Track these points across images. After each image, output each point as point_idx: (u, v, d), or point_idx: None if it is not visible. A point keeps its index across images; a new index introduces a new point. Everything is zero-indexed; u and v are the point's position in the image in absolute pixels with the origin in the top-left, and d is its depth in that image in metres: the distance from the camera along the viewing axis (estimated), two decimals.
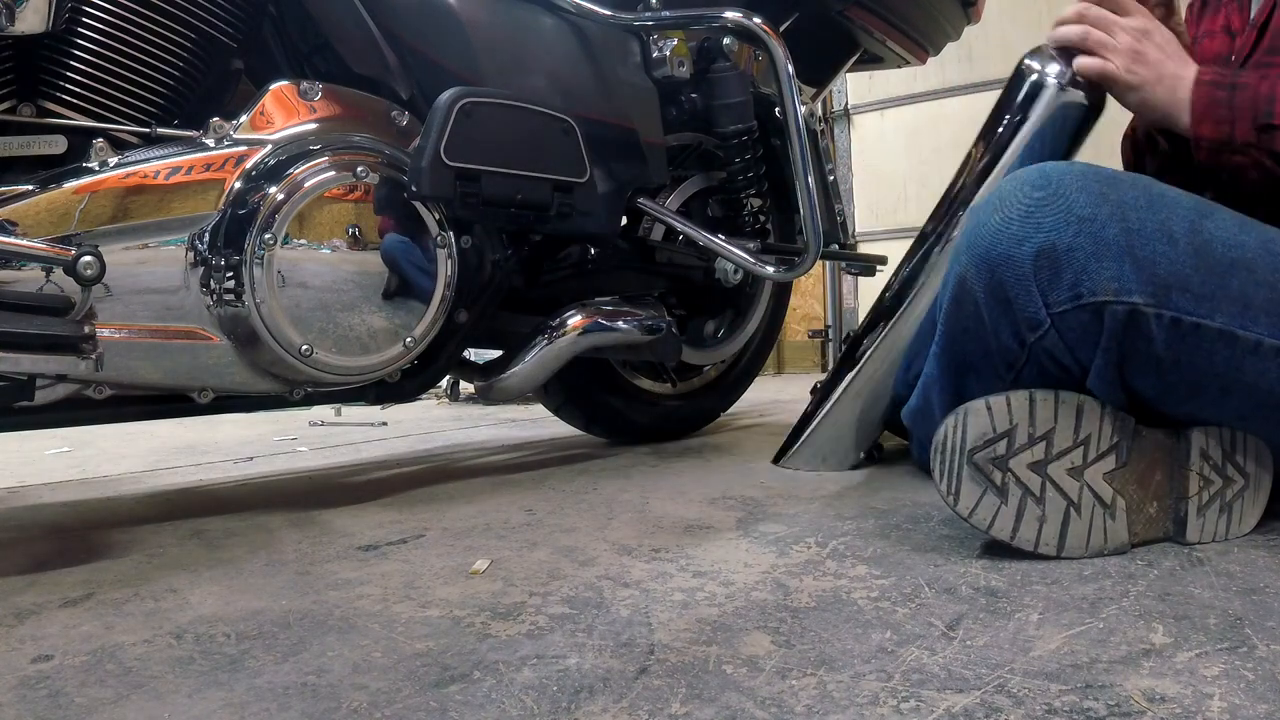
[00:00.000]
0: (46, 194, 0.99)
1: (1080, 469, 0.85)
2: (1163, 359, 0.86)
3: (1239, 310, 0.85)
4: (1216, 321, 0.85)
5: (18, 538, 1.18)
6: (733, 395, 1.95)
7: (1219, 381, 0.87)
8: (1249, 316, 0.85)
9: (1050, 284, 0.87)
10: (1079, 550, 0.85)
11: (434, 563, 0.94)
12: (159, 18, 1.09)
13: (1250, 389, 0.87)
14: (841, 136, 4.29)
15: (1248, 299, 0.86)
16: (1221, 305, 0.85)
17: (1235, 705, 0.54)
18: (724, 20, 1.40)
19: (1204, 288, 0.85)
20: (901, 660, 0.63)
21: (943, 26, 1.87)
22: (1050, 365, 0.91)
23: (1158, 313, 0.84)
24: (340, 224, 1.16)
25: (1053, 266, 0.86)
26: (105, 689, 0.64)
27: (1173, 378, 0.88)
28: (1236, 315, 0.85)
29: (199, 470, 1.74)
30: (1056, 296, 0.87)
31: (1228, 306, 0.85)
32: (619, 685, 0.61)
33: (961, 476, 0.84)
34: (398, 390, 1.33)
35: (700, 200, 1.72)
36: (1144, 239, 0.85)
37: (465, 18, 1.30)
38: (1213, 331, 0.85)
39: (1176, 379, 0.88)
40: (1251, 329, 0.85)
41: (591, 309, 1.40)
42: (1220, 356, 0.86)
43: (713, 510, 1.14)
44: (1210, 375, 0.87)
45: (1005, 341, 0.93)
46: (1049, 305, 0.87)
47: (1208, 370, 0.87)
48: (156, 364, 1.07)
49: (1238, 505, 0.90)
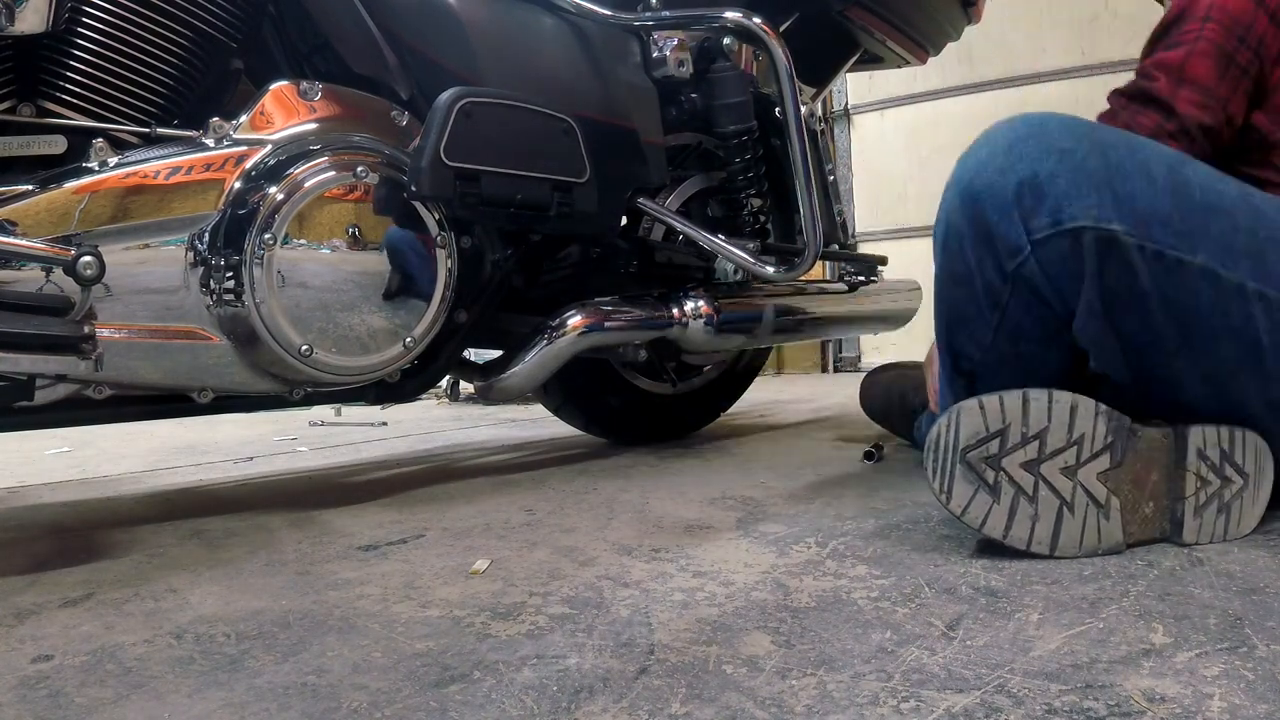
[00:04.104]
0: (46, 194, 0.99)
1: (1074, 468, 0.85)
2: (1149, 294, 0.87)
3: (1220, 250, 0.86)
4: (1199, 258, 0.86)
5: (18, 538, 1.18)
6: (733, 395, 1.95)
7: (1206, 325, 0.87)
8: (1230, 258, 0.86)
9: (1032, 210, 0.88)
10: (1072, 549, 0.85)
11: (434, 563, 0.94)
12: (159, 18, 1.09)
13: (1236, 335, 0.87)
14: (841, 136, 4.28)
15: (1228, 242, 0.86)
16: (1202, 244, 0.86)
17: (1235, 705, 0.54)
18: (724, 20, 1.40)
19: (1184, 225, 0.86)
20: (901, 660, 0.63)
21: (943, 26, 1.87)
22: (1033, 301, 0.92)
23: (1140, 244, 0.85)
24: (340, 224, 1.16)
25: (1034, 194, 0.87)
26: (105, 689, 0.64)
27: (1160, 318, 0.88)
28: (1218, 255, 0.86)
29: (199, 470, 1.73)
30: (1037, 222, 0.87)
31: (1208, 246, 0.86)
32: (619, 685, 0.61)
33: (954, 475, 0.84)
34: (398, 390, 1.33)
35: (700, 200, 1.72)
36: (1124, 175, 0.87)
37: (465, 18, 1.30)
38: (1195, 268, 0.86)
39: (1164, 320, 0.88)
40: (1234, 270, 0.86)
41: (591, 309, 1.40)
42: (1205, 296, 0.86)
43: (713, 510, 1.14)
44: (1197, 317, 0.87)
45: (989, 276, 0.93)
46: (1030, 231, 0.88)
47: (1193, 310, 0.87)
48: (156, 364, 1.07)
49: (1236, 506, 0.90)
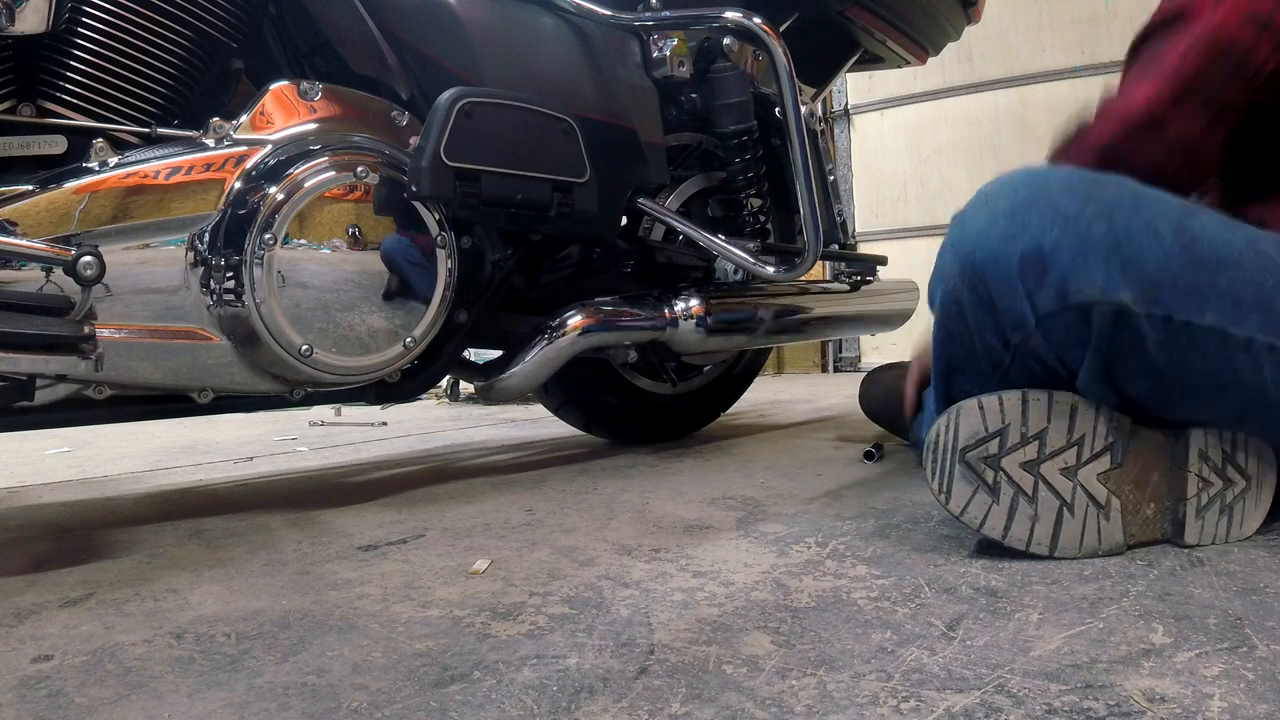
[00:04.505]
0: (46, 194, 0.99)
1: (1074, 469, 0.85)
2: (1155, 359, 0.84)
3: (1229, 307, 0.84)
4: (1207, 319, 0.83)
5: (18, 538, 1.18)
6: (733, 395, 1.95)
7: (1212, 381, 0.85)
8: (1239, 313, 0.84)
9: (1036, 284, 0.84)
10: (1072, 550, 0.85)
11: (434, 563, 0.94)
12: (159, 18, 1.09)
13: (1243, 388, 0.85)
14: (841, 136, 4.28)
15: (1237, 296, 0.84)
16: (1211, 302, 0.83)
17: (1235, 705, 0.54)
18: (724, 20, 1.39)
19: (1193, 284, 0.83)
20: (901, 660, 0.63)
21: (943, 26, 1.87)
22: (1036, 366, 0.90)
23: (1148, 312, 0.83)
24: (340, 224, 1.16)
25: (1039, 266, 0.84)
26: (105, 689, 0.64)
27: (1167, 379, 0.86)
28: (1227, 312, 0.83)
29: (199, 470, 1.73)
30: (1043, 295, 0.84)
31: (1217, 303, 0.83)
32: (619, 685, 0.61)
33: (953, 475, 0.84)
34: (398, 390, 1.33)
35: (700, 200, 1.72)
36: (1130, 236, 0.83)
37: (465, 18, 1.30)
38: (1204, 329, 0.83)
39: (1170, 380, 0.86)
40: (1243, 326, 0.84)
41: (591, 309, 1.40)
42: (1213, 356, 0.84)
43: (713, 510, 1.14)
44: (1203, 375, 0.85)
45: (989, 342, 0.91)
46: (1035, 307, 0.85)
47: (1201, 370, 0.85)
48: (156, 364, 1.07)
49: (1239, 507, 0.89)
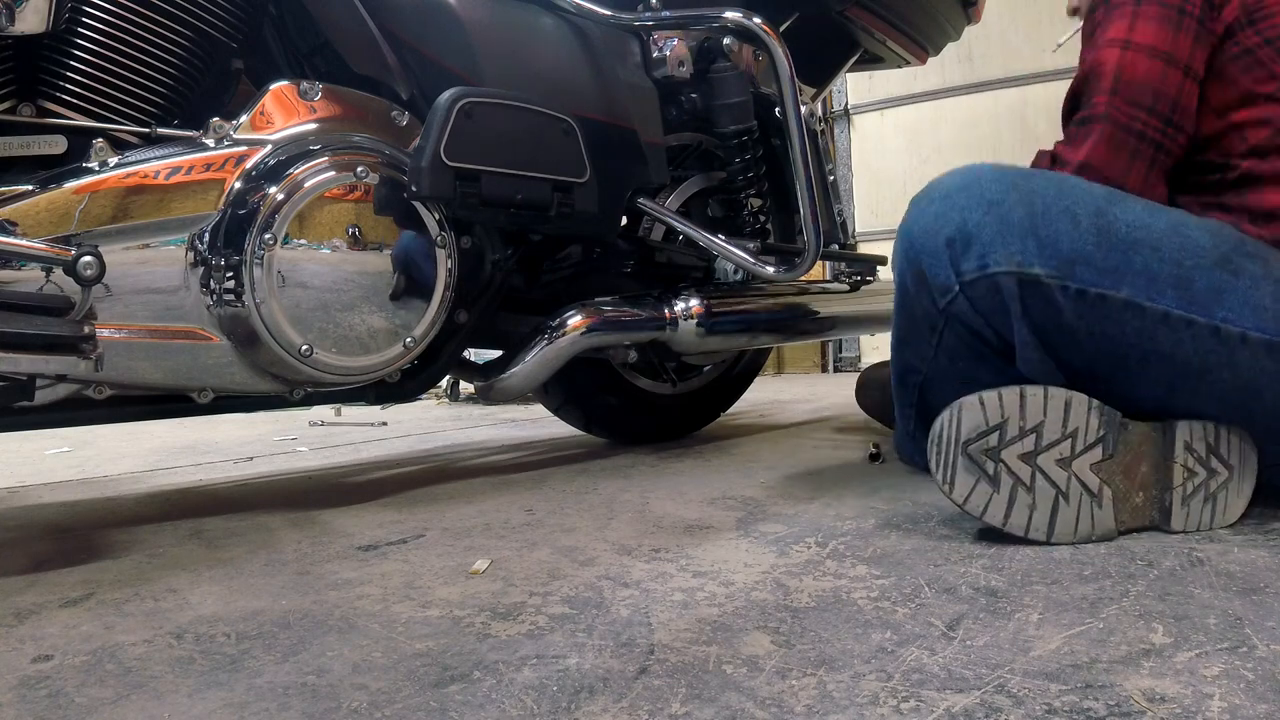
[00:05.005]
0: (46, 194, 0.99)
1: (1068, 460, 0.90)
2: (1076, 329, 0.93)
3: (1144, 283, 0.91)
4: (1122, 293, 0.92)
5: (18, 538, 1.18)
6: (733, 395, 1.95)
7: (1136, 352, 0.93)
8: (1155, 289, 0.91)
9: (961, 256, 0.97)
10: (1068, 536, 0.89)
11: (434, 563, 0.94)
12: (159, 18, 1.09)
13: (1168, 359, 0.92)
14: (841, 136, 4.28)
15: (1152, 273, 0.91)
16: (1126, 278, 0.92)
17: (1235, 705, 0.54)
18: (724, 20, 1.40)
19: (1106, 262, 0.92)
20: (901, 660, 0.63)
21: (943, 26, 1.87)
22: (965, 331, 1.02)
23: (1062, 284, 0.92)
24: (340, 224, 1.16)
25: (964, 241, 0.97)
26: (105, 689, 0.64)
27: (1091, 348, 0.94)
28: (1142, 288, 0.91)
29: (199, 470, 1.74)
30: (965, 266, 0.97)
31: (1132, 279, 0.92)
32: (619, 685, 0.61)
33: (956, 466, 0.89)
34: (398, 390, 1.33)
35: (700, 200, 1.72)
36: (1048, 220, 0.94)
37: (465, 18, 1.30)
38: (1119, 302, 0.92)
39: (1095, 350, 0.94)
40: (1158, 300, 0.91)
41: (591, 309, 1.40)
42: (1131, 326, 0.92)
43: (713, 510, 1.14)
44: (1125, 345, 0.93)
45: (925, 306, 1.03)
46: (959, 274, 0.97)
47: (1121, 340, 0.93)
48: (157, 364, 1.07)
49: (1222, 496, 0.94)
